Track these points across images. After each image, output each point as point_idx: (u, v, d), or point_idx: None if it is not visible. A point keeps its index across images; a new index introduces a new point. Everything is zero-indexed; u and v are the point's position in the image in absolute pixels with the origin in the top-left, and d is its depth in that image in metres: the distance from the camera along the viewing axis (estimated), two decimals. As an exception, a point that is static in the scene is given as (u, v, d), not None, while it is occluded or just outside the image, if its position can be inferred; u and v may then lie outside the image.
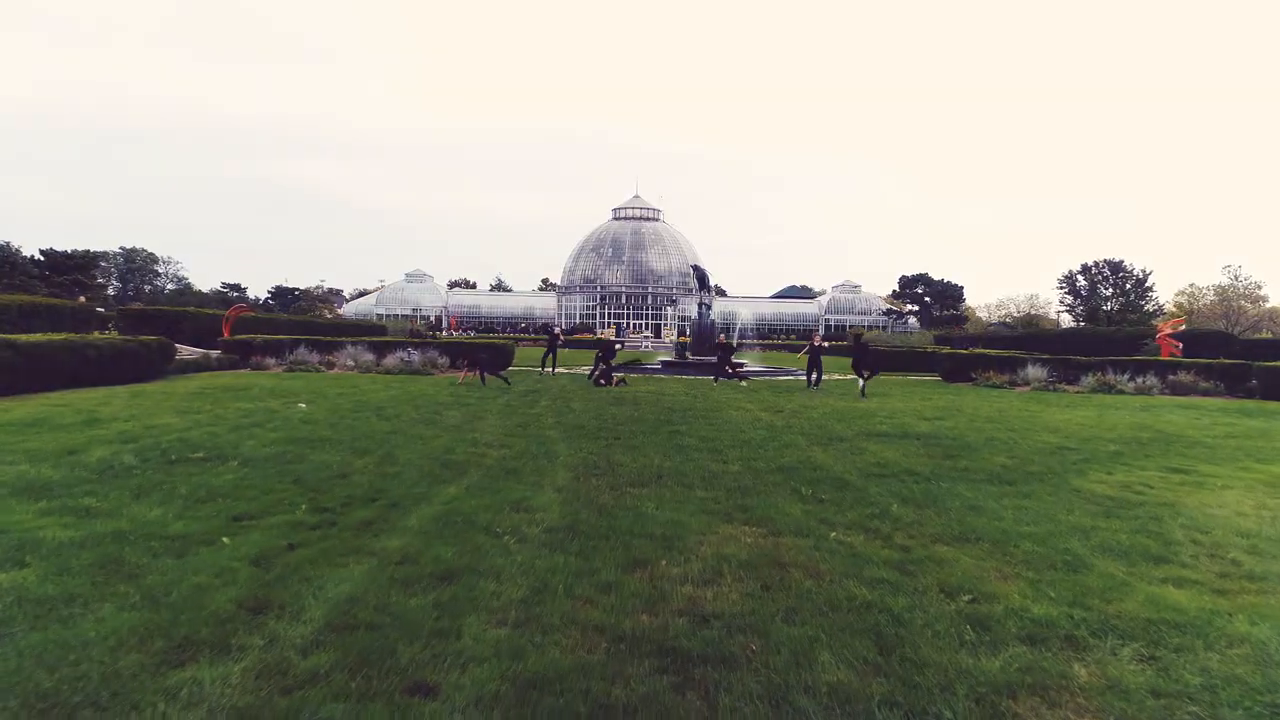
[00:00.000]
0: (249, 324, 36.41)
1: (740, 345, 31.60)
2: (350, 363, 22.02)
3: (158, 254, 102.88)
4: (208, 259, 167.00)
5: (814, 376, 19.62)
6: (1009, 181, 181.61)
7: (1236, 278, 74.79)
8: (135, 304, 50.81)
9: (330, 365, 21.93)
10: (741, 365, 27.70)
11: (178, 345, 27.11)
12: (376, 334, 46.83)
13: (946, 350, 26.24)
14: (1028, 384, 23.23)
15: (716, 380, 20.73)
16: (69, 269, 58.67)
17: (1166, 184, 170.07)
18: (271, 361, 21.50)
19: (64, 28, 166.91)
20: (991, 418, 13.00)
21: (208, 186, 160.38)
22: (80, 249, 60.44)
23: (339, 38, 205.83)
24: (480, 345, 24.61)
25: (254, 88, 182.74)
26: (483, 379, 17.44)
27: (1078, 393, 21.27)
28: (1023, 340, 42.41)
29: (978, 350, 26.42)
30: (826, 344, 20.75)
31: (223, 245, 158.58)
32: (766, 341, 67.36)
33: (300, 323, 44.70)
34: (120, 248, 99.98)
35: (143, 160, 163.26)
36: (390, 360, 22.21)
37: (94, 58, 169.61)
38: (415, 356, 22.02)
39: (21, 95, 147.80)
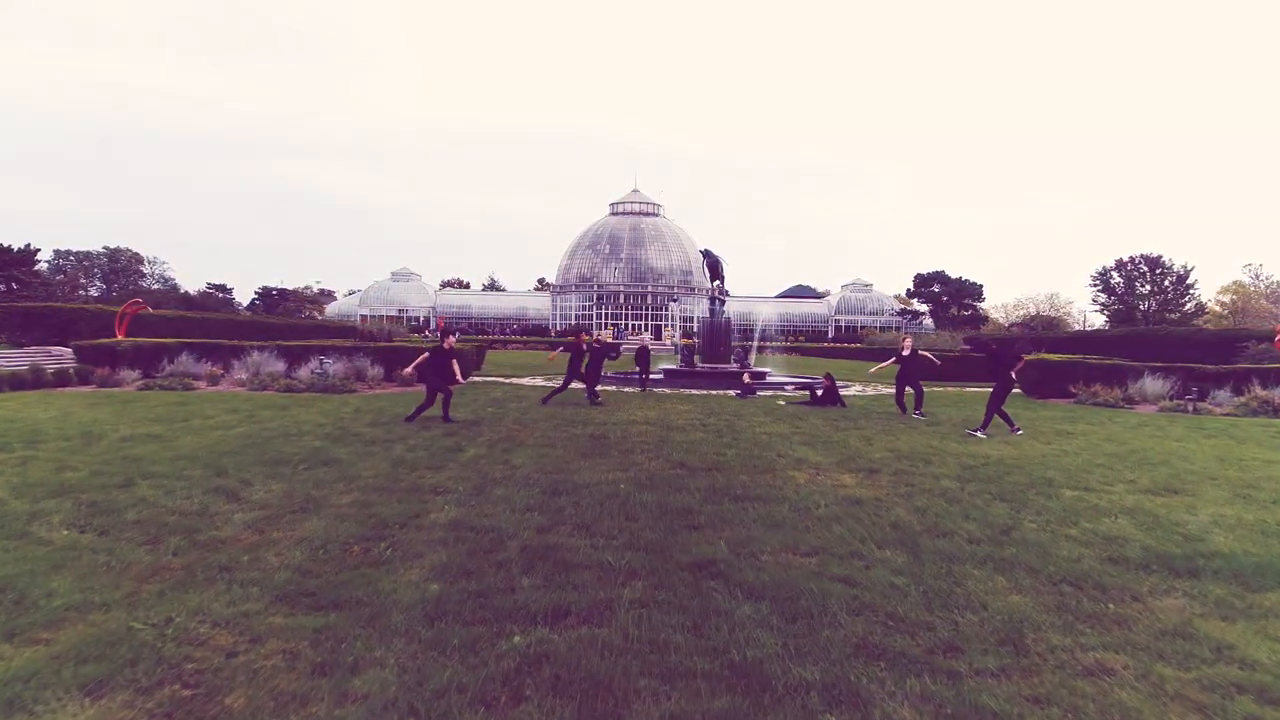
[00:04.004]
0: (173, 325, 30.77)
1: (763, 348, 26.08)
2: (244, 375, 16.28)
3: (143, 254, 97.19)
4: (206, 261, 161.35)
5: (900, 401, 13.72)
6: (1015, 180, 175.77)
7: (1258, 276, 69.73)
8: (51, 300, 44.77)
9: (216, 379, 16.22)
10: (764, 374, 22.00)
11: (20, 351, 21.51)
12: (345, 336, 41.12)
13: (1033, 355, 20.56)
14: (1147, 400, 17.57)
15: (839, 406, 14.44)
16: (7, 264, 52.97)
17: (1174, 183, 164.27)
18: (133, 375, 15.78)
19: (61, 28, 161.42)
20: (1271, 493, 7.24)
21: (206, 188, 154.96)
22: (22, 245, 54.77)
23: (336, 37, 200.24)
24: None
25: (252, 88, 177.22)
26: (419, 412, 11.48)
27: (1226, 415, 15.57)
28: (1080, 341, 36.70)
29: (1074, 357, 20.71)
30: (926, 353, 14.31)
31: (219, 247, 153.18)
32: (774, 344, 61.63)
33: (241, 323, 39.02)
34: (104, 247, 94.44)
35: (139, 161, 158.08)
36: (306, 371, 16.53)
37: (91, 57, 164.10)
38: (332, 367, 16.28)
39: (17, 95, 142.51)
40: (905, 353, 13.77)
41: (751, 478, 7.23)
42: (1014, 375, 11.48)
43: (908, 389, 13.73)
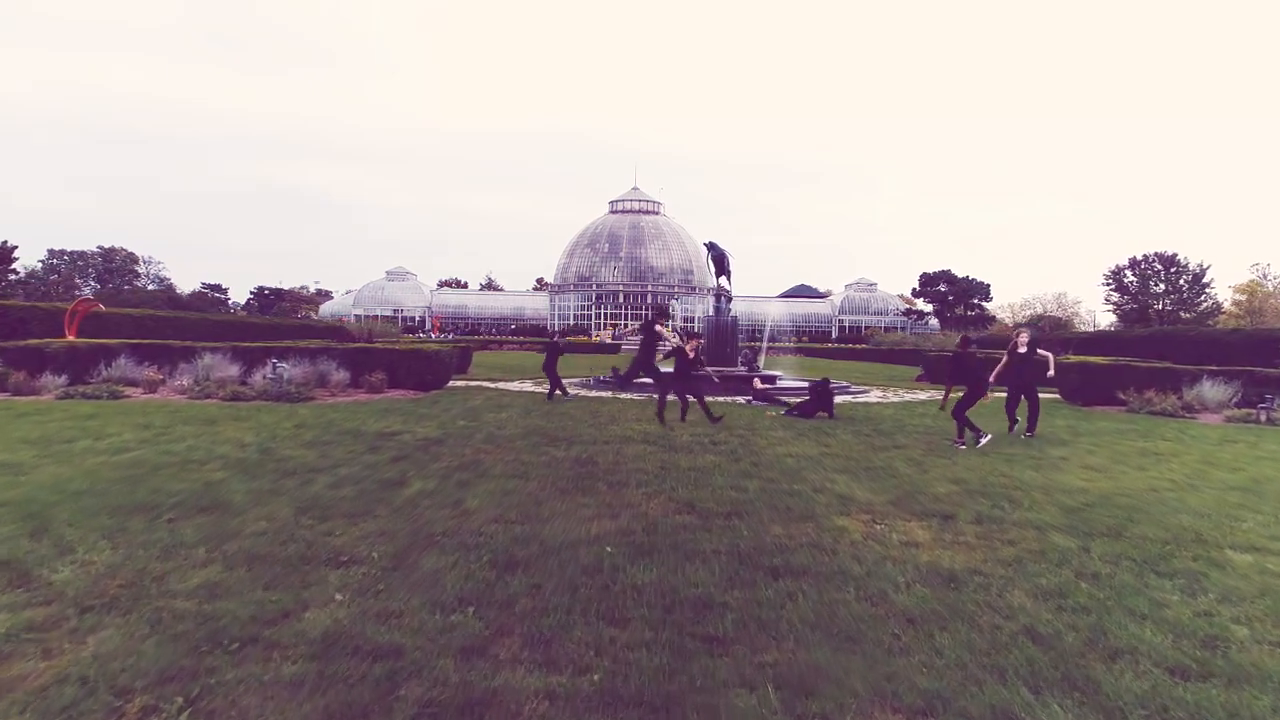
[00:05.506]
0: (140, 325, 28.85)
1: (771, 349, 24.36)
2: (184, 381, 14.32)
3: (139, 254, 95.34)
4: (210, 263, 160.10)
5: (1012, 414, 11.34)
6: (1020, 178, 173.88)
7: (1265, 275, 67.85)
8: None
9: (155, 385, 14.24)
10: (775, 377, 20.03)
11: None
12: (332, 337, 39.14)
13: (1065, 357, 18.63)
14: (1207, 408, 15.62)
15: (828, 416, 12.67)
16: (-18, 262, 51.01)
17: (1180, 182, 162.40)
18: (58, 381, 13.81)
19: (58, 29, 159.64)
20: None
21: (205, 188, 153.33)
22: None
23: (341, 41, 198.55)
24: (404, 353, 16.91)
25: (251, 90, 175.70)
26: None
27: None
28: (1098, 342, 34.71)
29: (1120, 360, 18.77)
30: (1046, 352, 11.80)
31: (218, 248, 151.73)
32: (781, 344, 59.72)
33: (220, 323, 37.07)
34: (98, 247, 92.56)
35: (138, 162, 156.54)
36: (261, 376, 14.60)
37: (92, 60, 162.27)
38: (289, 371, 14.31)
39: (17, 96, 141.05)
40: (1021, 350, 11.16)
41: (787, 529, 5.27)
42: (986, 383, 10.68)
43: (1021, 398, 11.37)
